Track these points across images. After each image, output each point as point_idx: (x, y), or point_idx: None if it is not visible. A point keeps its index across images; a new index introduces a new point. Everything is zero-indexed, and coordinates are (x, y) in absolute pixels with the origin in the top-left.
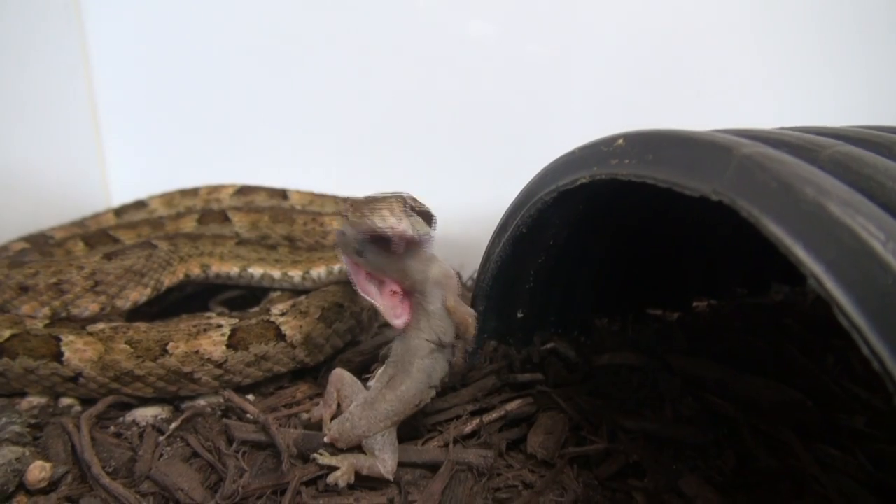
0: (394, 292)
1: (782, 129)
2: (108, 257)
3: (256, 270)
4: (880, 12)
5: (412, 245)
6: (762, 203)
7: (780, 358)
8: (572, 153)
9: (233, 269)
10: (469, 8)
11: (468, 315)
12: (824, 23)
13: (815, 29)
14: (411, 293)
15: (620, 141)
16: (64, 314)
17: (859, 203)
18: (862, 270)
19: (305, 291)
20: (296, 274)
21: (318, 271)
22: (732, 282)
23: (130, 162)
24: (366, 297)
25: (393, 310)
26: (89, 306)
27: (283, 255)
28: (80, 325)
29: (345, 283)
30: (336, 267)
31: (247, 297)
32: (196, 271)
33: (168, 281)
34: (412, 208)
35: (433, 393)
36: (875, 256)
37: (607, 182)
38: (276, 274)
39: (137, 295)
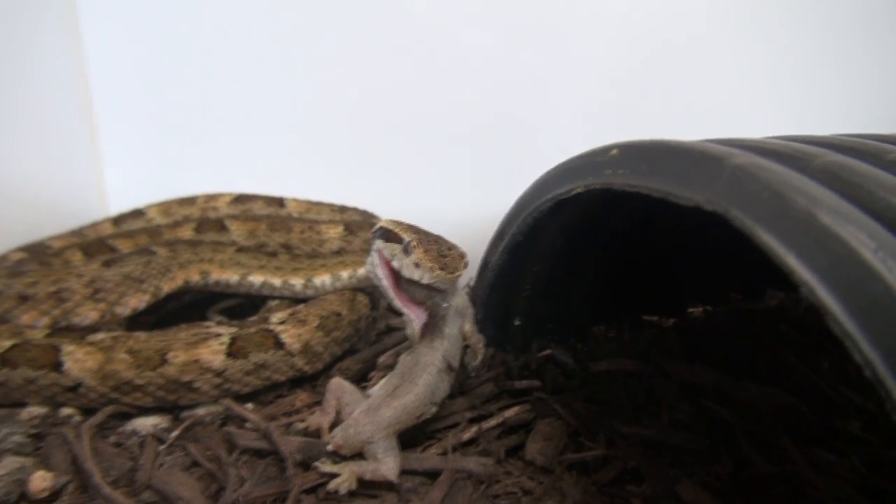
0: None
1: (772, 138)
2: (107, 264)
3: (257, 278)
4: (878, 16)
5: None
6: (754, 213)
7: (776, 363)
8: (567, 163)
9: (233, 277)
10: (466, 16)
11: (480, 342)
12: (820, 28)
13: (811, 35)
14: (431, 315)
15: (615, 151)
16: (64, 323)
17: (849, 212)
18: (853, 278)
19: (306, 300)
20: (297, 282)
21: (322, 279)
22: (727, 287)
23: (128, 170)
24: (403, 308)
25: (419, 320)
26: (89, 314)
27: (283, 262)
28: (80, 334)
29: (343, 292)
30: (344, 274)
31: (245, 305)
32: (195, 278)
33: (167, 287)
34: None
35: (434, 409)
36: (865, 265)
37: (602, 191)
38: (277, 282)
39: (136, 301)
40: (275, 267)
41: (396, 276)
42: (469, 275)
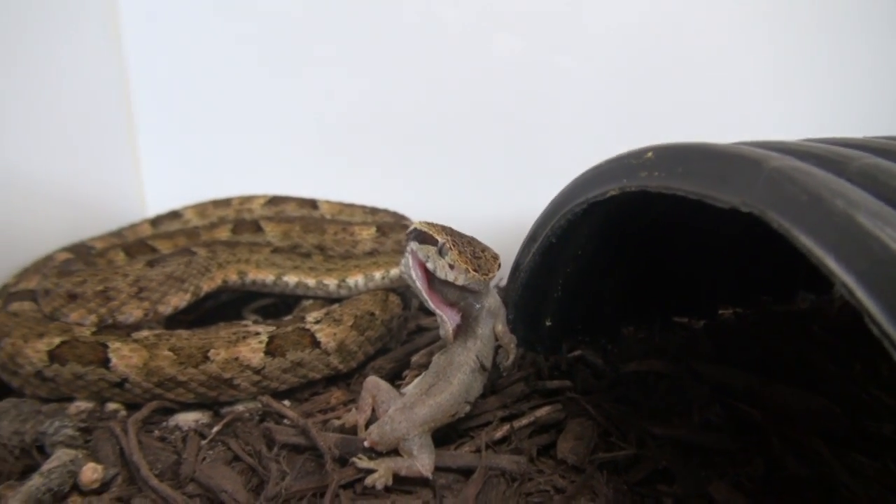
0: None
1: (808, 140)
2: (151, 264)
3: (291, 278)
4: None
5: None
6: (793, 215)
7: (807, 365)
8: (601, 166)
9: (268, 277)
10: (495, 21)
11: (512, 342)
12: (833, 30)
13: (825, 37)
14: (464, 316)
15: (650, 154)
16: (110, 320)
17: (888, 214)
18: (892, 280)
19: (339, 300)
20: (331, 282)
21: (356, 279)
22: (758, 290)
23: (165, 172)
24: (436, 309)
25: (452, 321)
26: (133, 312)
27: (317, 263)
28: (125, 331)
29: (376, 292)
30: (377, 274)
31: (279, 305)
32: (233, 277)
33: (207, 287)
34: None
35: (467, 408)
36: None
37: (635, 193)
38: (311, 282)
39: (178, 300)
40: (309, 267)
41: (430, 277)
42: (500, 275)
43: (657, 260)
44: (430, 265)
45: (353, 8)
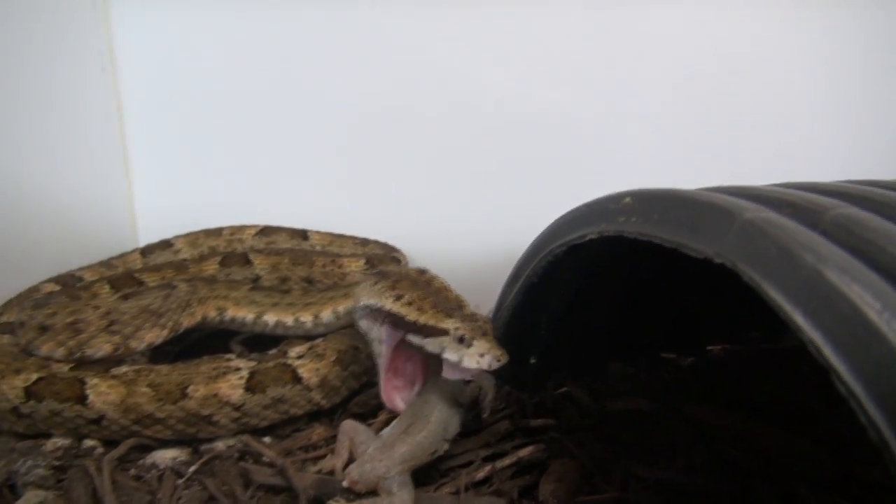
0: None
1: (786, 185)
2: (126, 297)
3: (270, 318)
4: None
5: None
6: (762, 269)
7: (795, 405)
8: (580, 209)
9: (248, 315)
10: (491, 56)
11: (485, 378)
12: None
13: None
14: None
15: (628, 199)
16: (79, 354)
17: (857, 270)
18: (857, 339)
19: (319, 336)
20: (307, 319)
21: (326, 314)
22: (747, 326)
23: (158, 200)
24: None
25: (394, 396)
26: (103, 346)
27: (295, 298)
28: (104, 367)
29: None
30: (341, 308)
31: (267, 337)
32: (212, 314)
33: (187, 322)
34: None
35: (446, 446)
36: (869, 325)
37: (617, 236)
38: (289, 321)
39: (153, 336)
40: (287, 304)
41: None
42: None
43: (644, 295)
44: (449, 356)
45: (355, 41)
